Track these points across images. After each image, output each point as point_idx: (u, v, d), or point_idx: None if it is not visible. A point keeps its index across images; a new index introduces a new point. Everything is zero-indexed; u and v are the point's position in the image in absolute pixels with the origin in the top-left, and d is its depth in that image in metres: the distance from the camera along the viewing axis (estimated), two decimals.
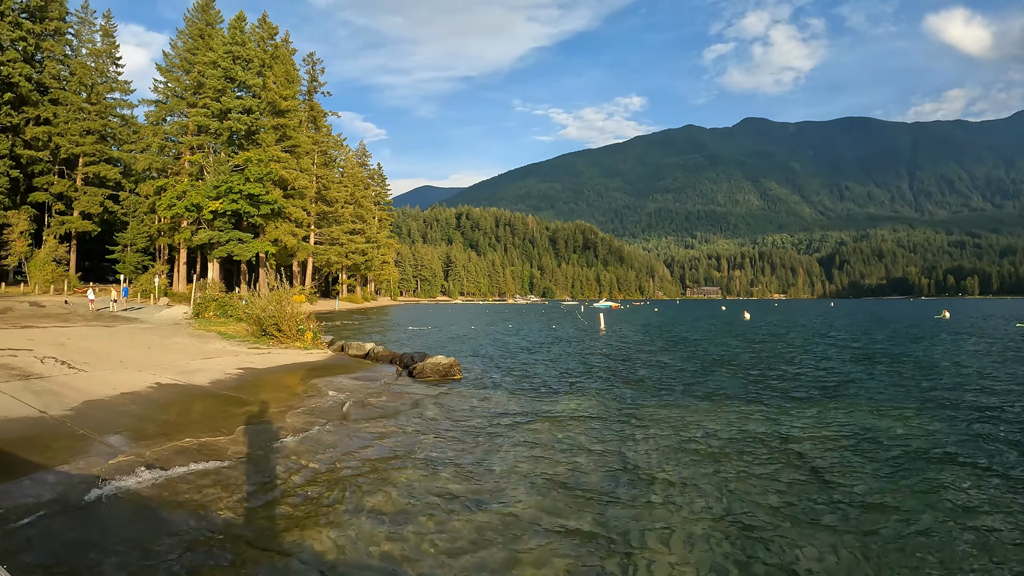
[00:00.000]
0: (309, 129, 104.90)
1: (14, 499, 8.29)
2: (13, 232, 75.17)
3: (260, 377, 19.31)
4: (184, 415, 13.73)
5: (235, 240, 73.79)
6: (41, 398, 14.26)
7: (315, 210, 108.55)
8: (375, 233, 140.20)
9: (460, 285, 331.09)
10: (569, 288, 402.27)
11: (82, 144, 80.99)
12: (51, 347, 22.96)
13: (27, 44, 78.02)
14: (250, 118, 77.50)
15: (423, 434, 13.48)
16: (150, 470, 9.84)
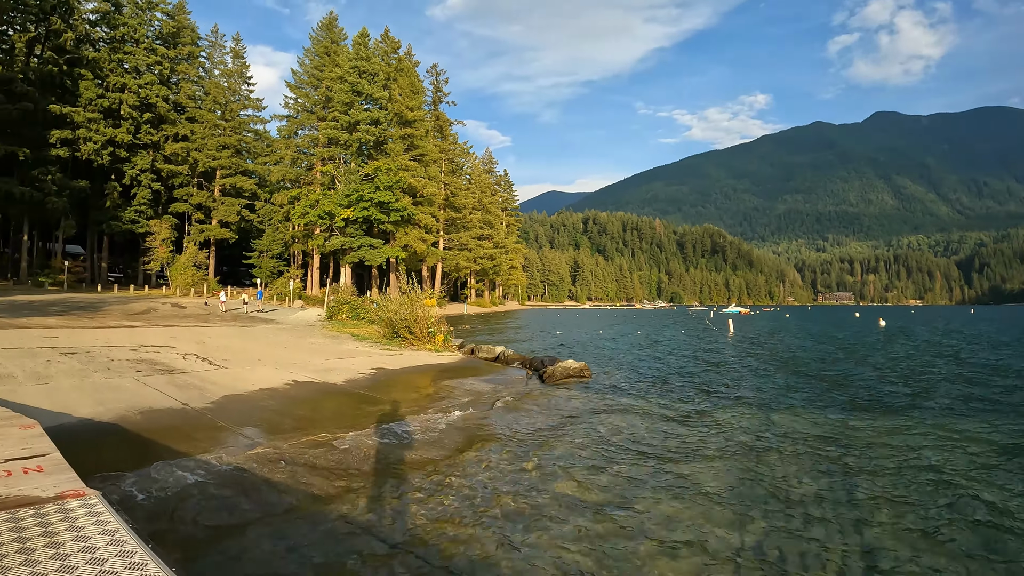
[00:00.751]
0: (435, 138, 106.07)
1: (158, 483, 8.61)
2: (156, 239, 79.21)
3: (393, 377, 19.37)
4: (319, 411, 13.86)
5: (366, 246, 75.08)
6: (184, 391, 14.74)
7: (444, 216, 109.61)
8: (503, 238, 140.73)
9: (587, 290, 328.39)
10: (697, 293, 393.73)
11: (219, 158, 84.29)
12: (192, 345, 23.87)
13: (163, 68, 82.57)
14: (378, 129, 78.96)
15: (554, 437, 13.12)
16: (284, 462, 9.95)
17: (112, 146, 73.69)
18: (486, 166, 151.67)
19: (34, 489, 6.01)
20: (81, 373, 16.21)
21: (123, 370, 17.11)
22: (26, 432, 8.47)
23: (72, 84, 72.58)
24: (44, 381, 14.91)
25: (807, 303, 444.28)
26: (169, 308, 46.90)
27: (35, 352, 19.10)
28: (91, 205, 77.42)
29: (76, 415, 11.95)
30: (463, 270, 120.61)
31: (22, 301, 44.05)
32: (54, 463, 6.95)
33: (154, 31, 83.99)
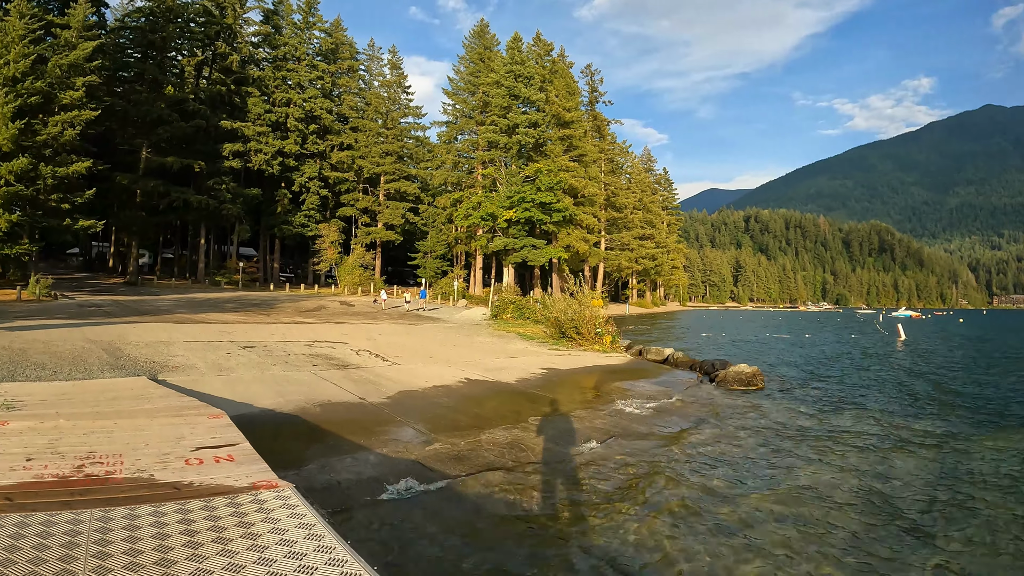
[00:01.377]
0: (594, 138, 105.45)
1: (338, 474, 8.73)
2: (325, 241, 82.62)
3: (563, 377, 19.08)
4: (493, 409, 13.70)
5: (529, 246, 75.27)
6: (360, 386, 14.91)
7: (605, 216, 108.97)
8: (664, 238, 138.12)
9: (749, 291, 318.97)
10: (864, 295, 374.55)
11: (382, 164, 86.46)
12: (364, 341, 24.36)
13: (325, 82, 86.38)
14: (536, 131, 78.89)
15: (731, 442, 12.50)
16: (462, 459, 9.79)
17: (281, 156, 77.19)
18: (645, 165, 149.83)
19: (227, 478, 6.06)
20: (260, 366, 16.78)
21: (300, 364, 17.57)
22: (214, 422, 8.72)
23: (240, 101, 76.80)
24: (226, 372, 15.50)
25: (981, 306, 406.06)
26: (338, 306, 48.45)
27: (215, 345, 19.91)
28: (263, 211, 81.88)
29: (257, 405, 12.29)
30: (624, 270, 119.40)
31: (201, 298, 46.63)
32: (244, 453, 7.03)
33: (314, 48, 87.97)
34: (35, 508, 5.22)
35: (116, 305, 36.69)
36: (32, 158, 41.85)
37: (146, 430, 8.18)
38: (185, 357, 17.13)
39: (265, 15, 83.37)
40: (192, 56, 76.37)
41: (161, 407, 9.93)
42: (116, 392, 11.41)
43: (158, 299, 43.46)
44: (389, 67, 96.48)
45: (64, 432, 7.94)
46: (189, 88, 73.92)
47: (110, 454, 6.89)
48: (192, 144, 69.59)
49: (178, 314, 32.42)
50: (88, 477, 6.08)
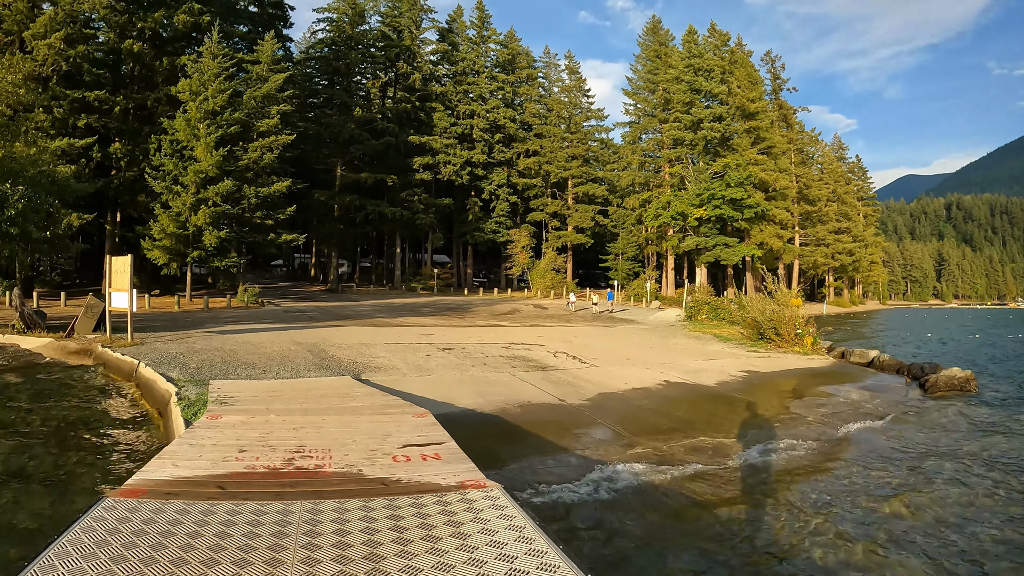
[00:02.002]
0: (780, 128, 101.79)
1: (539, 475, 8.69)
2: (516, 246, 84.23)
3: (764, 381, 18.31)
4: (694, 413, 13.29)
5: (721, 245, 73.78)
6: (558, 387, 14.81)
7: (797, 211, 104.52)
8: (860, 231, 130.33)
9: (954, 286, 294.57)
10: None
11: (569, 168, 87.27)
12: (559, 343, 24.37)
13: (505, 92, 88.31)
14: (722, 125, 77.30)
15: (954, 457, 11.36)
16: (665, 464, 9.45)
17: (469, 166, 79.34)
18: (836, 153, 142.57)
19: (434, 476, 6.14)
20: (459, 367, 17.06)
21: (498, 365, 17.73)
22: (419, 420, 8.90)
23: (426, 116, 79.33)
24: (426, 373, 15.83)
25: None
26: (531, 309, 49.16)
27: (415, 347, 20.54)
28: (455, 219, 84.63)
29: (458, 405, 12.44)
30: (820, 267, 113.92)
31: (398, 303, 48.74)
32: (451, 452, 7.11)
33: (491, 60, 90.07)
34: (247, 497, 5.43)
35: (318, 310, 38.61)
36: (236, 180, 44.98)
37: (353, 427, 8.43)
38: (386, 358, 17.69)
39: (440, 33, 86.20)
40: (376, 78, 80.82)
41: (366, 405, 10.24)
42: (322, 390, 11.88)
43: (357, 304, 45.60)
44: (567, 72, 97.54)
45: (274, 427, 8.29)
46: (376, 108, 77.33)
47: (319, 448, 7.11)
48: (383, 160, 72.93)
49: (377, 318, 33.76)
50: (298, 470, 6.28)
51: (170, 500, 5.31)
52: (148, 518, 4.88)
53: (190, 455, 6.80)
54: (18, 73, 28.44)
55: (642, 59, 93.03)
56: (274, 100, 54.54)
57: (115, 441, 10.20)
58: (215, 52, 46.52)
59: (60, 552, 4.23)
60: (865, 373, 21.72)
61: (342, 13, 74.88)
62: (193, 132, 43.84)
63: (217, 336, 21.45)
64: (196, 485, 5.80)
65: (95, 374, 16.29)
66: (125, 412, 12.39)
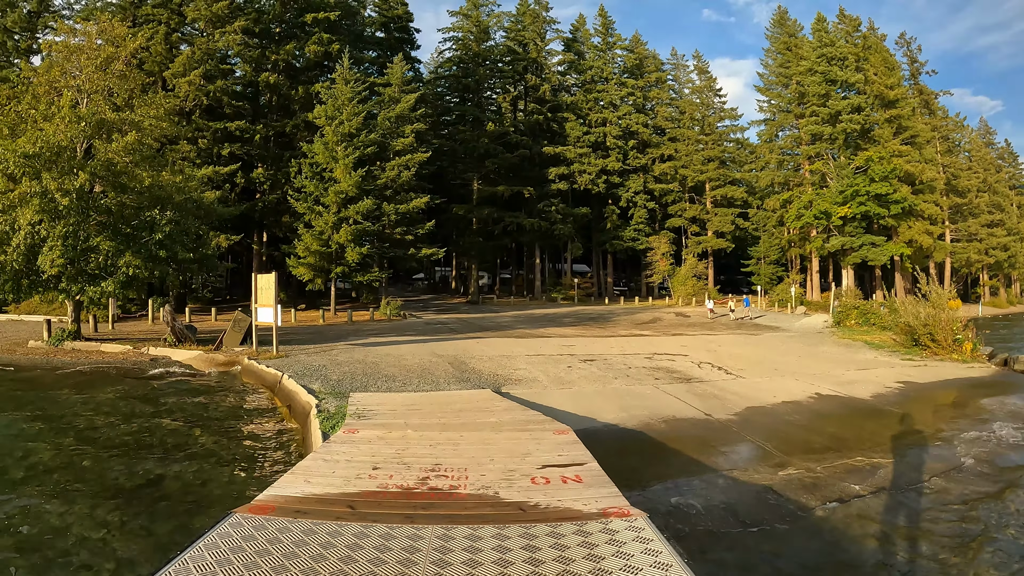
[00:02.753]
0: (923, 115, 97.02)
1: (684, 497, 8.40)
2: (656, 254, 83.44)
3: (922, 392, 17.36)
4: (850, 429, 12.64)
5: (867, 244, 71.11)
6: (704, 401, 14.51)
7: (946, 204, 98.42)
8: (1016, 223, 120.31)
9: None
10: None
11: (705, 171, 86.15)
12: (703, 353, 23.94)
13: (636, 97, 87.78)
14: (861, 116, 74.53)
15: None
16: (822, 488, 8.95)
17: (604, 174, 79.23)
18: (984, 138, 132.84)
19: (575, 501, 5.97)
20: (601, 379, 16.92)
21: (641, 377, 17.50)
22: (560, 438, 8.75)
23: (558, 127, 79.93)
24: (567, 386, 15.75)
25: None
26: (673, 317, 48.61)
27: (556, 359, 20.57)
28: (593, 228, 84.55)
29: (600, 420, 12.32)
30: (974, 265, 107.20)
31: (538, 314, 49.13)
32: (592, 474, 6.93)
33: (618, 67, 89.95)
34: (376, 519, 5.42)
35: (459, 322, 39.23)
36: (375, 199, 46.57)
37: (491, 444, 8.39)
38: (527, 370, 17.79)
39: (566, 43, 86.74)
40: (505, 92, 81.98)
41: (506, 420, 10.20)
42: (462, 404, 11.97)
43: (498, 316, 46.15)
44: (696, 72, 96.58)
45: (410, 443, 8.39)
46: (508, 122, 78.42)
47: (455, 468, 7.10)
48: (519, 172, 73.63)
49: (518, 329, 34.08)
50: (432, 491, 6.26)
51: (298, 518, 5.41)
52: (273, 537, 4.99)
53: (323, 471, 6.94)
54: (160, 108, 30.10)
55: (772, 53, 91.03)
56: (407, 120, 55.88)
57: (256, 453, 10.59)
58: (347, 78, 48.28)
59: (180, 568, 4.37)
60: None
61: (467, 32, 76.37)
62: (331, 154, 45.60)
63: (359, 348, 22.05)
64: (326, 503, 5.89)
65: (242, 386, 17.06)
66: (268, 424, 12.96)
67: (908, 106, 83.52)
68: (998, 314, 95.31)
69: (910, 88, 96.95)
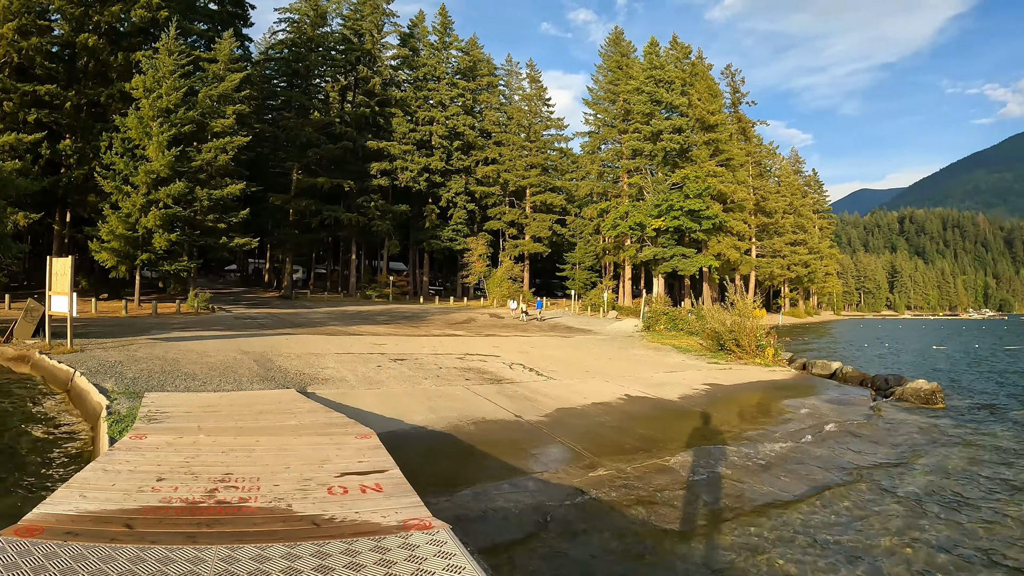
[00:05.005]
0: (739, 141, 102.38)
1: (494, 501, 8.14)
2: (473, 255, 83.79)
3: (728, 394, 18.04)
4: (660, 430, 12.78)
5: (679, 255, 74.25)
6: (515, 402, 14.34)
7: (755, 222, 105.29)
8: (816, 243, 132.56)
9: (907, 298, 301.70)
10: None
11: (527, 177, 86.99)
12: (516, 354, 23.90)
13: (465, 99, 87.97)
14: (681, 136, 77.65)
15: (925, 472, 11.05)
16: (632, 488, 8.92)
17: (427, 173, 78.73)
18: (793, 166, 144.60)
19: (373, 513, 5.51)
20: (411, 379, 16.51)
21: (452, 378, 17.24)
22: (362, 442, 8.27)
23: (384, 122, 78.77)
24: (376, 386, 15.27)
25: None
26: (488, 318, 48.77)
27: (366, 358, 19.89)
28: (412, 226, 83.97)
29: (408, 422, 11.93)
30: (777, 278, 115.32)
31: (352, 311, 48.14)
32: (394, 482, 6.44)
33: (452, 67, 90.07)
34: (156, 540, 4.72)
35: (270, 317, 37.89)
36: (188, 182, 44.07)
37: (289, 450, 7.76)
38: (335, 369, 17.11)
39: (402, 38, 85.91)
40: (335, 82, 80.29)
41: (307, 423, 9.58)
42: (263, 405, 11.21)
43: (311, 312, 44.93)
44: (528, 80, 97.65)
45: (202, 449, 7.60)
46: (334, 112, 76.93)
47: (247, 477, 6.42)
48: (341, 164, 72.26)
49: (330, 326, 33.19)
50: (219, 505, 5.59)
51: (68, 541, 4.58)
52: (38, 565, 4.16)
53: (102, 483, 6.03)
54: None
55: (603, 69, 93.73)
56: (230, 100, 53.63)
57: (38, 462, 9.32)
58: (172, 49, 45.63)
59: None
60: (828, 385, 21.69)
61: (303, 14, 74.35)
62: (145, 130, 42.76)
63: (161, 344, 20.61)
64: (102, 522, 5.04)
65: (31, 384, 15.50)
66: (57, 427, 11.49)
67: (726, 131, 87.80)
68: (797, 323, 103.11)
69: (730, 115, 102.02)
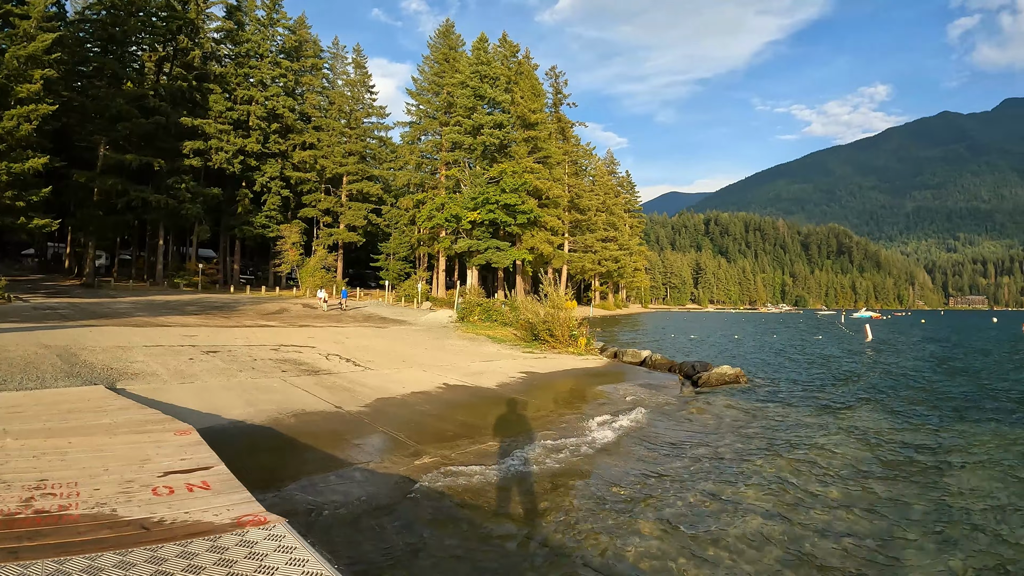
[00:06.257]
0: (558, 140, 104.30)
1: (322, 494, 8.05)
2: (286, 243, 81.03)
3: (544, 382, 18.61)
4: (480, 417, 13.07)
5: (493, 248, 75.06)
6: (334, 393, 14.25)
7: (569, 219, 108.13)
8: (626, 240, 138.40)
9: (710, 293, 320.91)
10: (822, 296, 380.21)
11: (345, 164, 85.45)
12: (332, 345, 23.67)
13: (288, 80, 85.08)
14: (502, 132, 78.49)
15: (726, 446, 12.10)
16: (454, 475, 9.11)
17: (242, 155, 75.68)
18: (608, 167, 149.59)
19: (204, 512, 5.23)
20: (226, 372, 16.03)
21: (268, 370, 16.86)
22: (183, 439, 7.87)
23: (202, 98, 75.07)
24: (189, 380, 14.73)
25: (938, 307, 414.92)
26: (301, 309, 47.76)
27: (177, 350, 19.08)
28: (224, 211, 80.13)
29: (226, 416, 11.58)
30: (588, 272, 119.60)
31: (160, 301, 45.67)
32: (222, 478, 6.19)
33: (277, 46, 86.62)
34: None
35: (72, 308, 35.51)
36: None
37: (106, 451, 7.27)
38: (145, 363, 16.30)
39: (228, 10, 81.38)
40: (153, 51, 75.23)
41: (121, 422, 9.02)
42: (71, 404, 10.45)
43: (116, 301, 42.44)
44: (353, 66, 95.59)
45: (11, 455, 6.97)
46: (149, 84, 72.51)
47: (64, 482, 5.96)
48: (152, 141, 67.76)
49: (137, 317, 31.43)
50: (38, 515, 5.14)
51: None
52: None
53: None
54: None
55: (430, 61, 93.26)
56: (39, 63, 48.62)
57: None
58: None
59: None
60: (638, 372, 22.80)
61: None
62: None
63: None
64: None
65: None
66: None
67: (546, 130, 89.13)
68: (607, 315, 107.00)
69: (551, 115, 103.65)
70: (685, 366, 22.72)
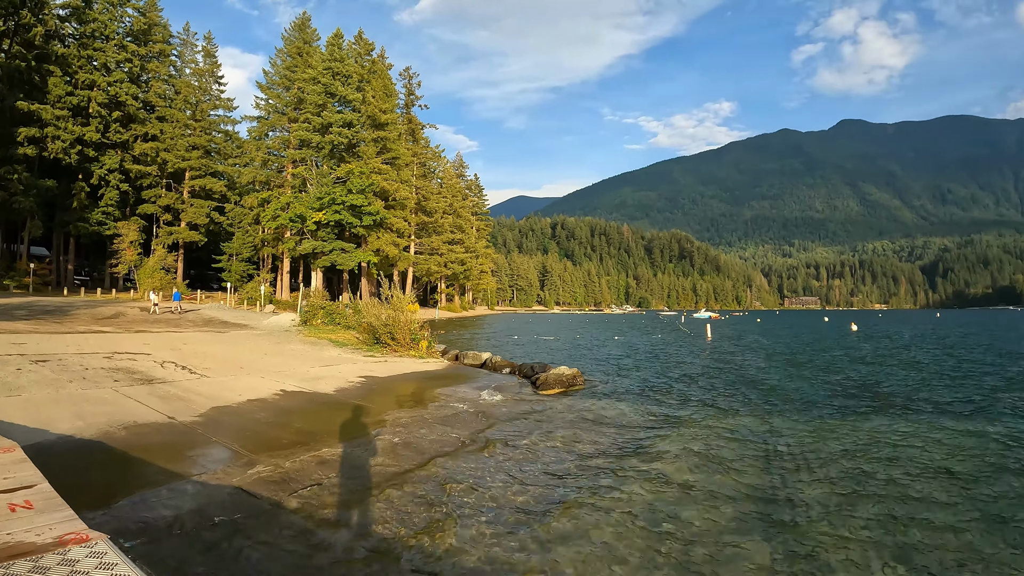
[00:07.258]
0: (408, 141, 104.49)
1: (154, 509, 7.86)
2: (124, 241, 77.15)
3: (383, 386, 18.77)
4: (317, 424, 13.12)
5: (338, 250, 74.68)
6: (168, 403, 13.98)
7: (415, 221, 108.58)
8: (473, 243, 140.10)
9: (556, 295, 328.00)
10: (665, 298, 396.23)
11: (188, 159, 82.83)
12: (168, 351, 23.08)
13: (133, 65, 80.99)
14: (351, 131, 78.16)
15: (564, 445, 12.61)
16: (291, 481, 9.21)
17: (80, 145, 72.07)
18: (457, 170, 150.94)
19: (27, 532, 5.12)
20: (55, 383, 15.35)
21: (100, 379, 16.28)
22: (5, 457, 7.45)
23: (40, 80, 70.57)
24: (16, 392, 14.02)
25: (774, 307, 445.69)
26: (138, 312, 45.88)
27: (3, 360, 18.16)
28: (58, 206, 75.75)
29: (55, 431, 11.14)
30: (434, 275, 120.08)
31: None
32: (45, 497, 6.02)
33: (125, 28, 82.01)
34: None
35: None
36: None
37: None
38: None
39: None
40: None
41: None
42: None
43: None
44: (203, 54, 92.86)
45: None
46: None
47: None
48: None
49: None
50: None
51: None
52: None
53: None
54: None
55: (283, 54, 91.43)
56: None
57: None
58: None
59: None
60: (479, 374, 23.26)
61: None
62: None
63: None
64: None
65: None
66: None
67: (396, 131, 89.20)
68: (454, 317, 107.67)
69: (402, 116, 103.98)
70: (524, 367, 23.42)
